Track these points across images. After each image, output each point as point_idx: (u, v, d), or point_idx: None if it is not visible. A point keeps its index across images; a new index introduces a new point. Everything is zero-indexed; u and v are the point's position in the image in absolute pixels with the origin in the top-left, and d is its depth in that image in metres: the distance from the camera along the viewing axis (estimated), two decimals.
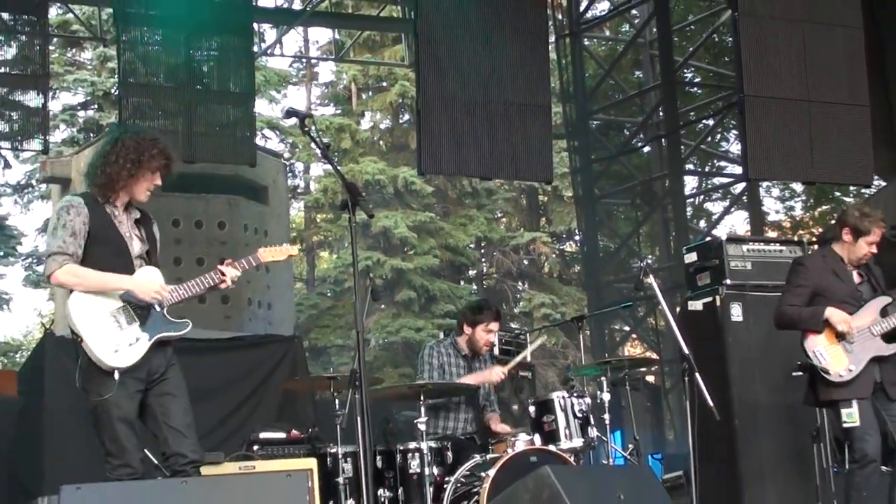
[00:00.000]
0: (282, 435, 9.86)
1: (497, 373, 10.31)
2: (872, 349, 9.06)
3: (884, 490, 9.20)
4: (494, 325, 10.51)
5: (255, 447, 9.41)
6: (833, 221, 9.73)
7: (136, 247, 7.32)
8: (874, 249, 9.29)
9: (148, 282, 7.10)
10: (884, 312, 9.13)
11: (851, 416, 8.92)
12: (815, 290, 9.24)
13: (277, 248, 7.80)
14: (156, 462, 8.01)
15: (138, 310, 7.09)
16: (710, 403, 9.20)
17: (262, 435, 9.73)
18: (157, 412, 7.14)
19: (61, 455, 11.28)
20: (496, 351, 12.28)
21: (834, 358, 9.06)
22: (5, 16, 16.11)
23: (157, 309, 7.16)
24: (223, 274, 7.36)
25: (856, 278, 9.34)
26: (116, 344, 6.95)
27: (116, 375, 6.85)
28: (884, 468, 9.59)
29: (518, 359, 10.67)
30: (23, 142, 17.08)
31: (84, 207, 7.14)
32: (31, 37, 16.09)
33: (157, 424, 7.15)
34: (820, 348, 9.08)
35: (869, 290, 9.33)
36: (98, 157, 7.25)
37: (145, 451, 7.24)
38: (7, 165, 34.28)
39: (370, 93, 40.10)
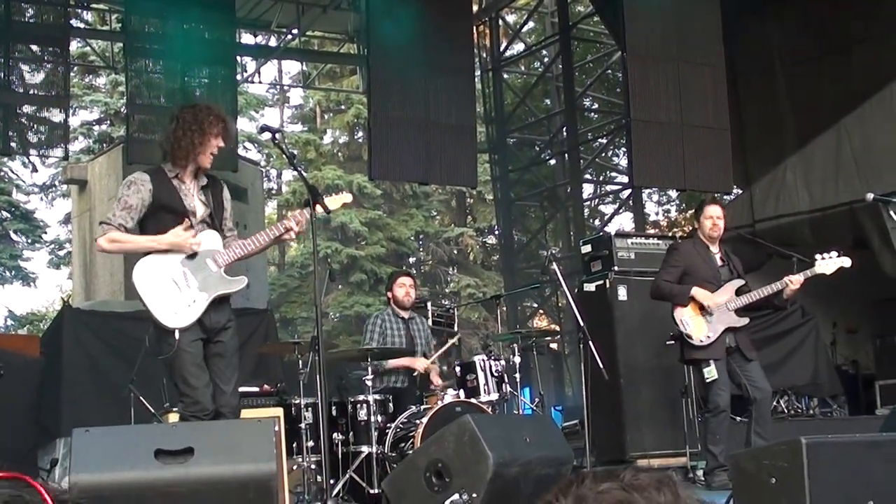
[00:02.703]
0: (255, 389, 9.78)
1: (421, 363, 10.27)
2: (727, 321, 9.22)
3: (734, 435, 9.31)
4: (404, 279, 10.48)
5: None
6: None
7: (200, 212, 6.83)
8: (718, 221, 9.51)
9: (175, 236, 6.61)
10: (738, 292, 9.28)
11: (711, 372, 9.10)
12: (685, 270, 9.38)
13: (331, 198, 7.30)
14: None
15: (196, 273, 6.67)
16: (601, 365, 9.29)
17: (240, 389, 9.65)
18: (211, 369, 6.78)
19: (76, 404, 11.22)
20: (430, 322, 12.27)
21: (696, 326, 9.20)
22: (35, 48, 15.98)
23: (214, 269, 6.73)
24: (289, 226, 6.96)
25: (718, 262, 9.48)
26: (176, 306, 6.57)
27: (177, 335, 6.52)
28: (739, 418, 9.70)
29: (436, 355, 10.61)
30: (48, 150, 16.97)
31: (148, 182, 6.69)
32: (55, 65, 15.96)
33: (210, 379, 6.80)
34: (686, 318, 9.23)
35: (728, 273, 9.49)
36: (166, 136, 6.83)
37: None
38: (35, 169, 34.03)
39: (331, 114, 39.94)
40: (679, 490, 1.64)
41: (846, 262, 9.18)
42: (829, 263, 9.15)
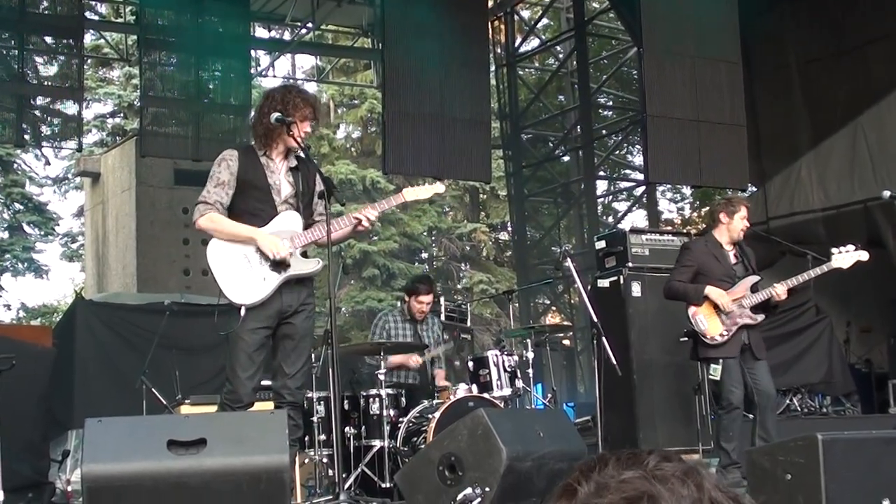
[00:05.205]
0: (268, 382, 9.78)
1: (414, 360, 10.27)
2: (742, 318, 9.14)
3: (747, 432, 9.29)
4: (425, 298, 10.37)
5: None
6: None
7: (285, 192, 6.76)
8: (747, 223, 9.43)
9: (272, 238, 6.57)
10: (753, 289, 9.21)
11: (716, 371, 9.07)
12: (698, 269, 9.31)
13: (421, 187, 7.25)
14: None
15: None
16: (614, 362, 9.28)
17: None
18: (277, 350, 6.75)
19: (88, 396, 11.23)
20: (442, 317, 12.26)
21: (711, 324, 9.14)
22: (49, 40, 16.03)
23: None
24: (358, 219, 6.82)
25: (732, 259, 9.41)
26: (244, 282, 6.51)
27: (242, 311, 6.45)
28: (752, 415, 9.68)
29: (430, 354, 10.55)
30: (61, 142, 17.02)
31: (235, 158, 6.69)
32: (69, 58, 16.04)
33: (275, 360, 6.78)
34: (700, 316, 9.18)
35: (742, 269, 9.41)
36: (256, 112, 6.85)
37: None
38: (48, 162, 34.06)
39: (345, 108, 39.90)
40: (704, 482, 1.61)
41: (863, 255, 9.09)
42: (846, 257, 9.07)
